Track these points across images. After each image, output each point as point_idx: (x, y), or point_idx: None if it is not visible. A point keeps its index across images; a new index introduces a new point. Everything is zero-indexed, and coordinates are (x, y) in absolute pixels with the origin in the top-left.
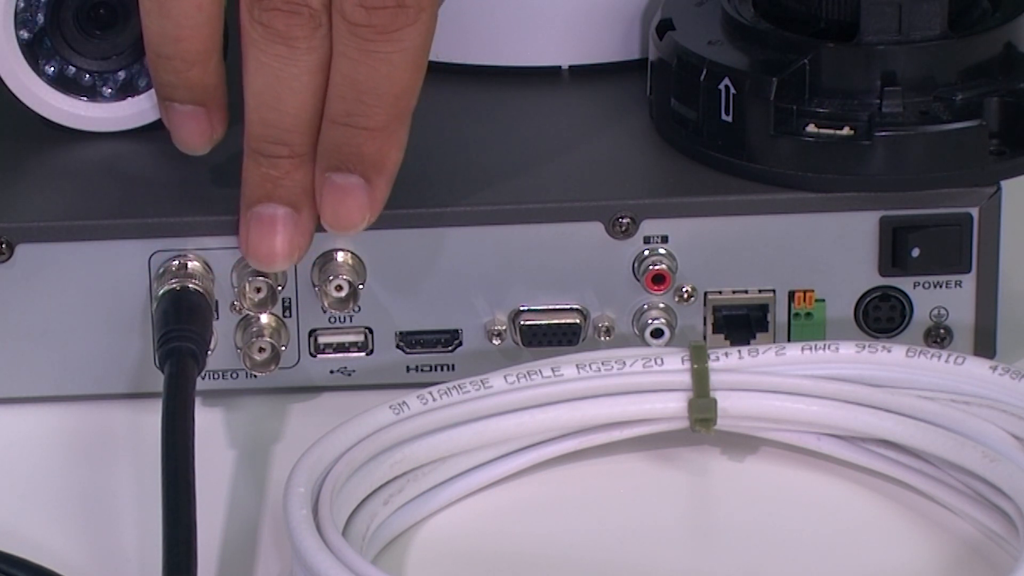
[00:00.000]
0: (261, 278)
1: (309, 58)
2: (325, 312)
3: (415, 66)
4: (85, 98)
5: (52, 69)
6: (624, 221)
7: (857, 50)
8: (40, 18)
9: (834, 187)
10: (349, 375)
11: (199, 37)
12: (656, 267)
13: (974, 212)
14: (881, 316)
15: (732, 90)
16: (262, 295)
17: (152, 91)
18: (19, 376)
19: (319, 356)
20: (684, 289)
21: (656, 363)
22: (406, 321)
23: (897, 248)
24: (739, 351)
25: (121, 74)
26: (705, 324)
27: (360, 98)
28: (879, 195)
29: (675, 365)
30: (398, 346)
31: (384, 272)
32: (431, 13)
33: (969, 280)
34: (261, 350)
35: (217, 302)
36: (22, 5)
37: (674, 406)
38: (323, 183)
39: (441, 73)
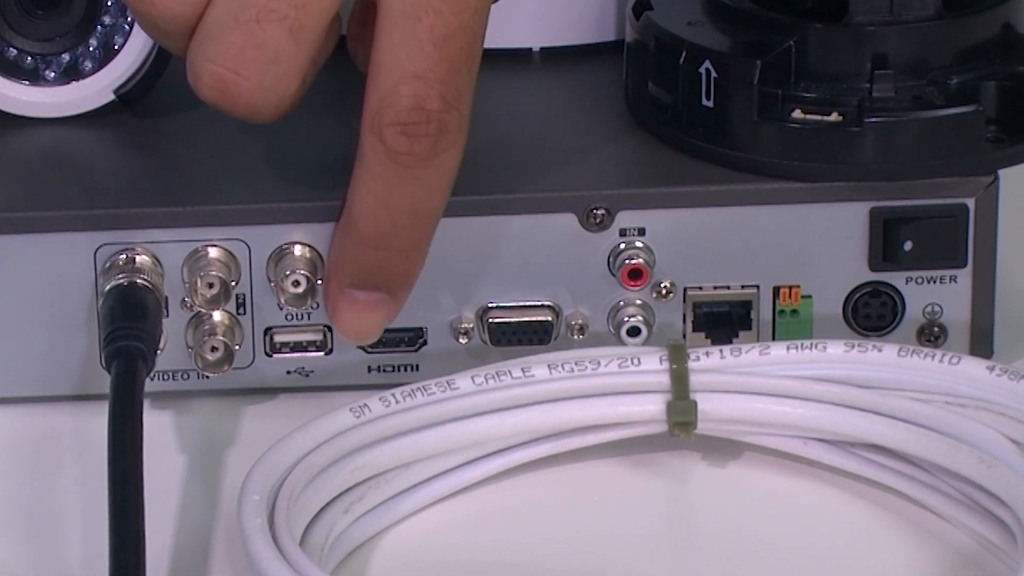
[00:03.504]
0: (214, 273)
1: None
2: (281, 309)
3: (449, 185)
4: (27, 82)
5: None
6: (599, 212)
7: (846, 31)
8: None
9: (822, 176)
10: (307, 376)
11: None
12: (633, 261)
13: (970, 203)
14: (871, 313)
15: (713, 74)
16: (214, 291)
17: (98, 75)
18: None
19: (275, 356)
20: (662, 284)
21: (633, 363)
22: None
23: (888, 241)
24: (721, 350)
25: (65, 57)
26: (685, 322)
27: (395, 221)
28: (869, 185)
29: (653, 365)
30: (359, 345)
31: None
32: (467, 131)
33: (965, 275)
34: (214, 349)
35: (167, 298)
36: None
37: (652, 409)
38: (341, 296)
39: None
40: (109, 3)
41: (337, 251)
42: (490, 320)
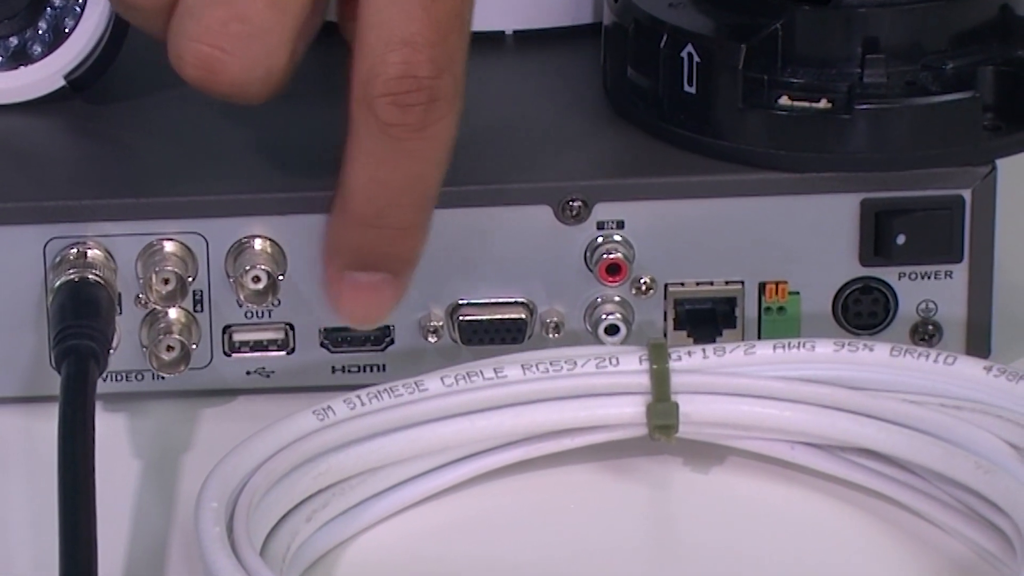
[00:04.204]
0: (169, 268)
1: None
2: (241, 306)
3: (446, 157)
4: None
5: None
6: (575, 204)
7: (836, 13)
8: None
9: (810, 166)
10: (268, 376)
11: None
12: (611, 256)
13: (966, 194)
14: (862, 311)
15: (696, 58)
16: (170, 287)
17: (47, 59)
18: None
19: (234, 355)
20: (642, 280)
21: (611, 363)
22: (331, 316)
23: (880, 235)
24: (703, 350)
25: (13, 40)
26: (666, 319)
27: (392, 199)
28: (860, 175)
29: (632, 365)
30: (322, 344)
31: (306, 261)
32: (462, 97)
33: (961, 271)
34: (169, 348)
35: (120, 295)
36: None
37: (631, 411)
38: (342, 279)
39: None
40: None
41: (333, 232)
42: (461, 318)
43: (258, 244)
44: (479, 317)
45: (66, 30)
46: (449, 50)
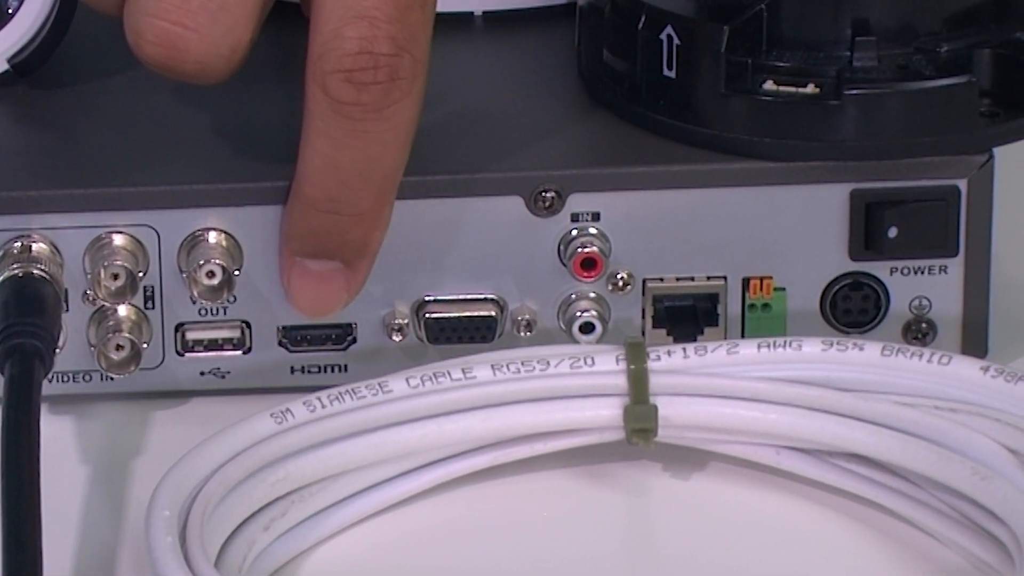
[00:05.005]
0: (119, 262)
1: None
2: (194, 303)
3: (406, 141)
4: None
5: None
6: (548, 195)
7: None
8: None
9: (796, 155)
10: (223, 377)
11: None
12: (586, 249)
13: (962, 184)
14: (852, 307)
15: (676, 40)
16: (120, 283)
17: None
18: None
19: (187, 355)
20: (619, 275)
21: (586, 363)
22: (290, 314)
23: (871, 227)
24: (684, 349)
25: None
26: (644, 317)
27: (345, 182)
28: (850, 164)
29: (608, 366)
30: (281, 343)
31: (263, 256)
32: (424, 79)
33: (956, 265)
34: (119, 348)
35: (67, 291)
36: None
37: (607, 414)
38: (293, 267)
39: None
40: None
41: (287, 216)
42: (427, 315)
43: (212, 237)
44: (446, 314)
45: (9, 11)
46: (410, 27)
